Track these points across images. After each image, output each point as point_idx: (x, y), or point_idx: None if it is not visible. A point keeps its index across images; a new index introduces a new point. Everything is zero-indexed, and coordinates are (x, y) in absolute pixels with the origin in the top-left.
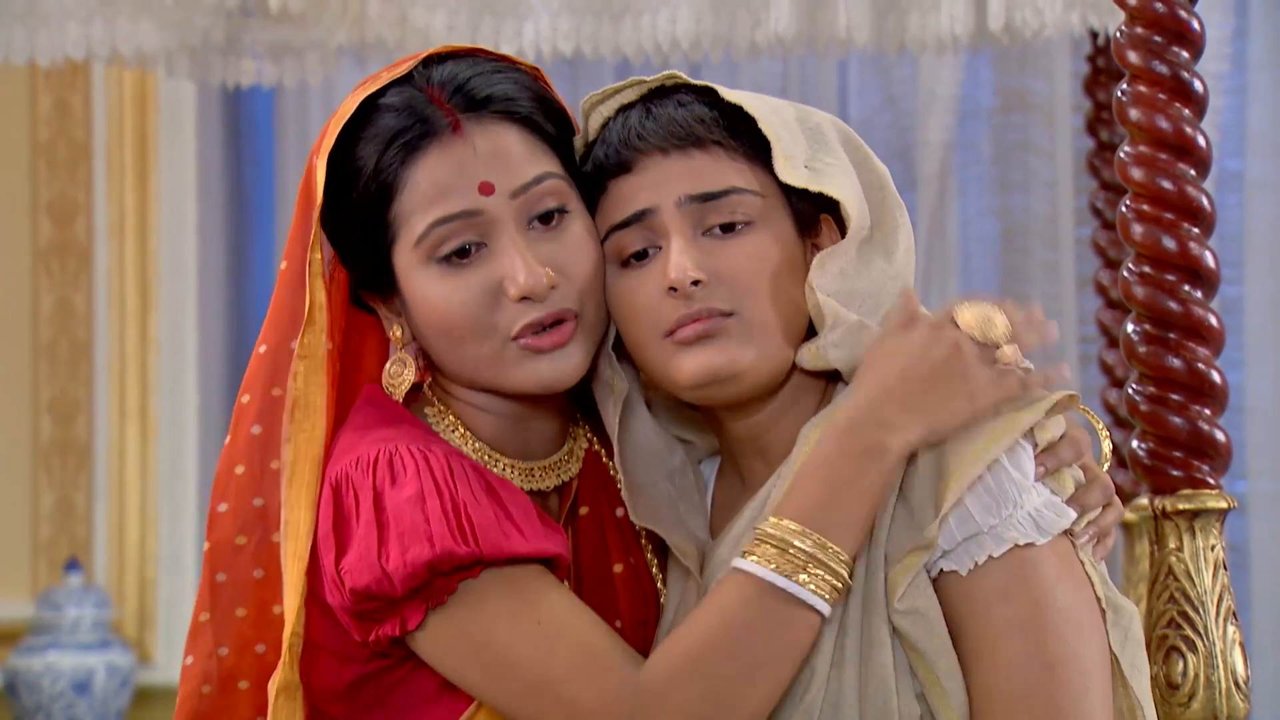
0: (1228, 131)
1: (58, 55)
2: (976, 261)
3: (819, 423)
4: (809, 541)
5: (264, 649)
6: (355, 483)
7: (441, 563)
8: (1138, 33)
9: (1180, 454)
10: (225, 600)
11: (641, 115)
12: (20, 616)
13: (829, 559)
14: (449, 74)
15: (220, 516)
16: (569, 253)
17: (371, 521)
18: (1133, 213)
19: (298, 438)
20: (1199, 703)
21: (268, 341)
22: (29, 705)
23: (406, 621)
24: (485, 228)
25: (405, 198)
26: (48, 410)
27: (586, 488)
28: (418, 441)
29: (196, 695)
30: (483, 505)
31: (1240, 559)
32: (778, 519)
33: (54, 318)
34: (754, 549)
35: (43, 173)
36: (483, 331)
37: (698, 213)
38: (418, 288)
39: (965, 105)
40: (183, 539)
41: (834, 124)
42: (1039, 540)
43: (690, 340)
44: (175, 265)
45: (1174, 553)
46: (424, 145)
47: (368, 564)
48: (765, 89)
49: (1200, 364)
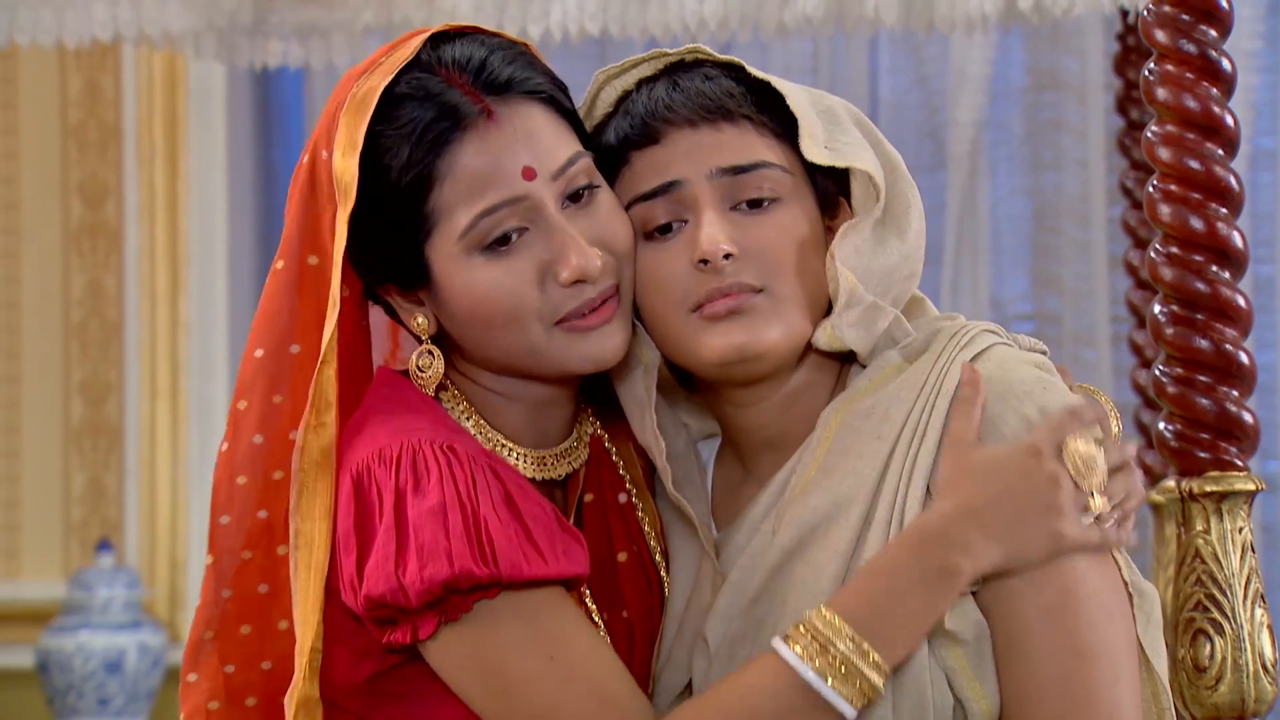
0: (1261, 110)
1: (85, 37)
2: (1007, 241)
3: (838, 408)
4: (852, 646)
5: (270, 665)
6: (379, 480)
7: (459, 582)
8: (1165, 11)
9: (1208, 436)
10: (230, 617)
11: (669, 87)
12: (52, 597)
13: (868, 667)
14: (462, 56)
15: (223, 529)
16: (606, 228)
17: (391, 528)
18: (1160, 193)
19: (311, 445)
20: (1226, 685)
21: (263, 346)
22: (61, 685)
23: (419, 631)
24: (529, 213)
25: (444, 190)
26: (79, 392)
27: (592, 475)
28: (440, 437)
29: (203, 712)
30: (504, 522)
31: (1272, 539)
32: (829, 613)
33: (85, 299)
34: (797, 637)
35: (73, 154)
36: (527, 319)
37: (728, 186)
38: (460, 279)
39: (996, 84)
40: None
41: (845, 107)
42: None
43: (721, 315)
44: (205, 247)
45: (1201, 535)
46: (458, 136)
47: (384, 574)
48: (796, 69)
49: (1228, 345)
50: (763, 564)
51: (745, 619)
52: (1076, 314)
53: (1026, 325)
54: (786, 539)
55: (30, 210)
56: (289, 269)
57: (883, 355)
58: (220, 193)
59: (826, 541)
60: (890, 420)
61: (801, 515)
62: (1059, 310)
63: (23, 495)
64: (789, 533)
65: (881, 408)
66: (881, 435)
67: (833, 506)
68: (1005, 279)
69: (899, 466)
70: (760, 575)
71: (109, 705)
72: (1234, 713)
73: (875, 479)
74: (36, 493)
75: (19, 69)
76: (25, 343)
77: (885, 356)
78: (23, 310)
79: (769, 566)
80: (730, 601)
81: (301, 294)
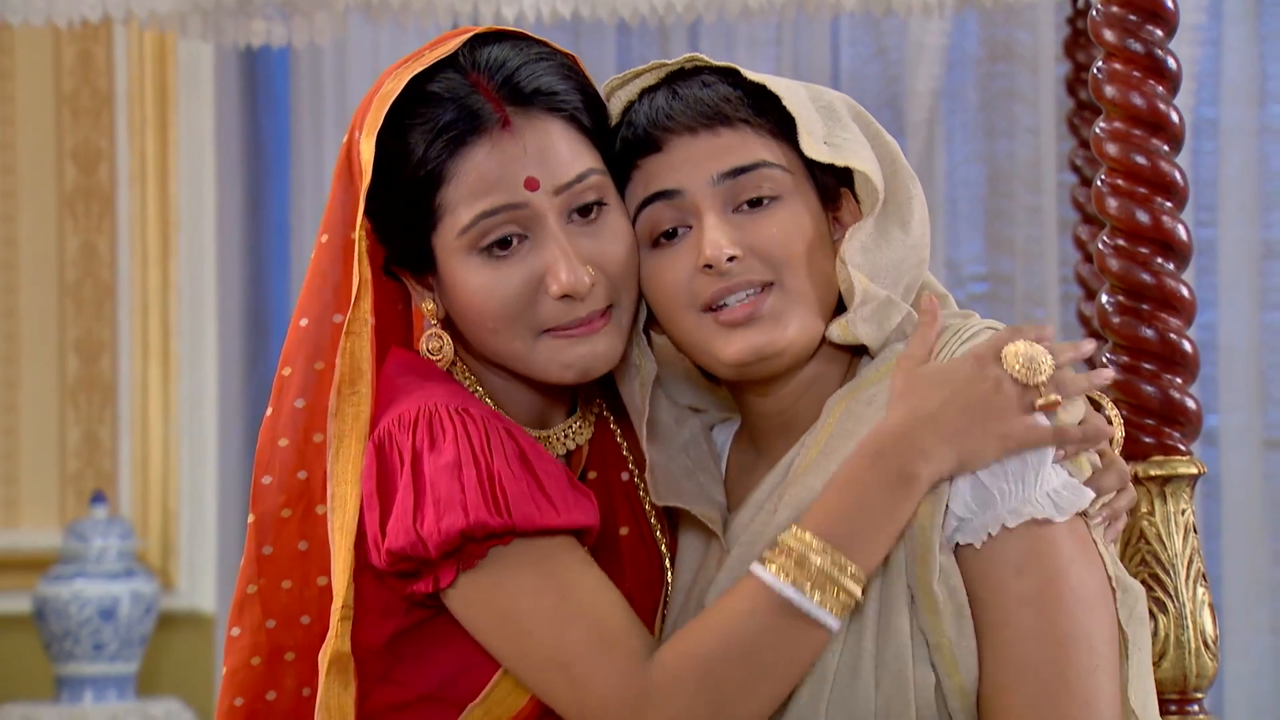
0: (1204, 81)
1: (74, 17)
2: (963, 205)
3: (845, 395)
4: (827, 559)
5: (309, 620)
6: (399, 442)
7: (474, 531)
8: (1113, 11)
9: (1152, 421)
10: (272, 572)
11: (668, 96)
12: (49, 546)
13: (845, 578)
14: (496, 60)
15: (265, 489)
16: (607, 246)
17: (410, 485)
18: (1107, 186)
19: (345, 411)
20: (1169, 662)
21: (309, 314)
22: (57, 631)
23: (440, 580)
24: (528, 221)
25: (452, 188)
26: (74, 349)
27: (595, 453)
28: (455, 400)
29: (245, 667)
30: (517, 476)
31: (1211, 489)
32: (800, 531)
33: (79, 260)
34: (773, 558)
35: (67, 121)
36: (517, 325)
37: (729, 189)
38: (459, 275)
39: (953, 55)
40: (203, 472)
41: (845, 101)
42: (1056, 518)
43: (739, 322)
44: (194, 211)
45: (1145, 517)
46: (473, 139)
47: (403, 527)
48: (759, 40)
49: (1172, 334)
50: (761, 541)
51: None
52: (1028, 275)
53: (981, 286)
54: (784, 518)
55: (26, 175)
56: (333, 242)
57: (891, 348)
58: (209, 159)
59: None
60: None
61: (799, 495)
62: (1011, 272)
63: (20, 448)
64: (786, 512)
65: (882, 397)
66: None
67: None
68: (961, 242)
69: None
70: (759, 552)
71: (103, 650)
72: (1176, 688)
73: None
74: (34, 446)
75: (15, 39)
76: (22, 302)
77: (893, 349)
78: (20, 270)
79: (767, 544)
80: (730, 577)
81: (345, 267)
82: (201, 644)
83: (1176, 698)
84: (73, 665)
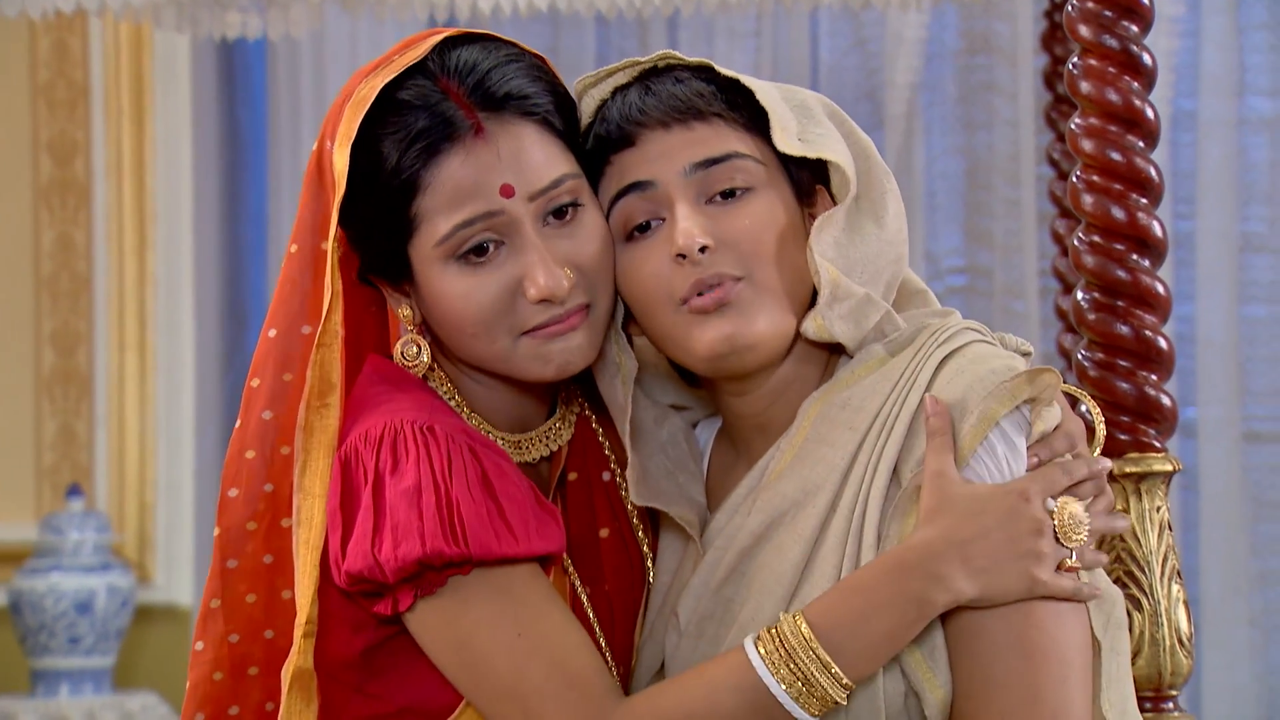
0: (1182, 73)
1: (49, 9)
2: (941, 198)
3: (819, 398)
4: (816, 662)
5: (273, 634)
6: (364, 460)
7: (431, 559)
8: (1089, 7)
9: (1127, 418)
10: (235, 586)
11: (641, 93)
12: (24, 539)
13: (829, 683)
14: (466, 64)
15: (231, 502)
16: (583, 245)
17: (370, 508)
18: (1083, 183)
19: (314, 425)
20: (1144, 659)
21: (277, 326)
22: (33, 624)
23: (399, 603)
24: (504, 228)
25: (427, 198)
26: (50, 342)
27: (576, 453)
28: (422, 418)
29: (208, 681)
30: (477, 502)
31: (1189, 480)
32: (798, 620)
33: (55, 253)
34: (766, 640)
35: (43, 113)
36: (496, 329)
37: (701, 181)
38: (436, 283)
39: (932, 48)
40: (180, 466)
41: (819, 100)
42: None
43: (709, 309)
44: (171, 204)
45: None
46: (446, 147)
47: (361, 551)
48: (738, 33)
49: (1147, 331)
50: (734, 545)
51: (714, 598)
52: (1007, 268)
53: (959, 279)
54: (756, 523)
55: (1, 167)
56: (302, 253)
57: (868, 348)
58: (186, 151)
59: (793, 527)
60: (864, 412)
61: (772, 500)
62: (990, 264)
63: None
64: (759, 517)
65: (857, 399)
66: (854, 426)
67: (801, 493)
68: (940, 234)
69: (866, 457)
70: (730, 556)
71: (79, 644)
72: (1151, 685)
73: (844, 468)
74: (9, 438)
75: None
76: None
77: (870, 350)
78: None
79: (739, 549)
80: (702, 580)
81: (315, 277)
82: (178, 637)
83: (1151, 695)
84: (49, 659)
